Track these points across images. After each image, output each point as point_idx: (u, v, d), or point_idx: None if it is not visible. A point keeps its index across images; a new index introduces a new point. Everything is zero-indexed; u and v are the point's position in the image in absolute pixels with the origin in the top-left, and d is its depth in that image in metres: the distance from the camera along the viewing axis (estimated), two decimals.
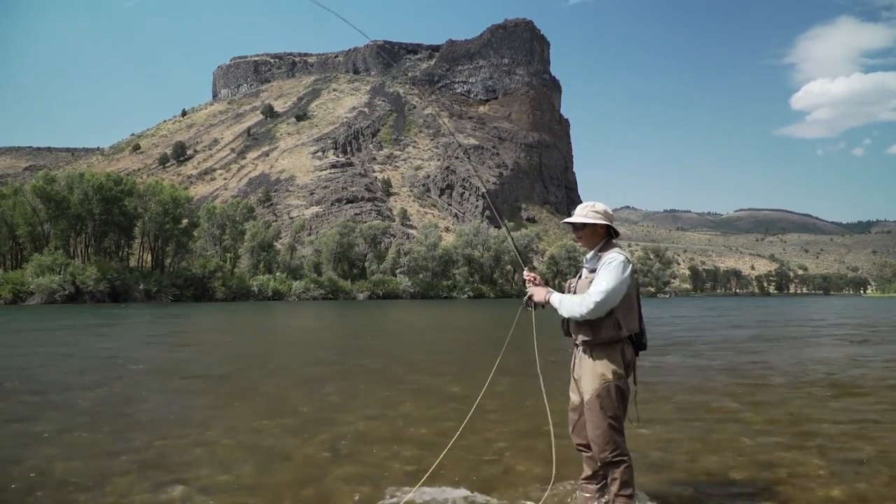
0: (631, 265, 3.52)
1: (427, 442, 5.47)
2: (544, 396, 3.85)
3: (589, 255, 3.70)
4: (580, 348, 3.63)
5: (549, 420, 3.95)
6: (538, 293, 3.73)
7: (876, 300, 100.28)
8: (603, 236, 3.66)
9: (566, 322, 3.70)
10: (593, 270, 3.56)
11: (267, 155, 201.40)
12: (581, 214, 3.67)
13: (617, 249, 3.57)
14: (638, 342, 3.61)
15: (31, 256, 58.56)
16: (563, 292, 3.87)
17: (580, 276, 3.70)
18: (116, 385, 8.66)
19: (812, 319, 30.58)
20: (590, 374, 3.53)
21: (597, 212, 3.64)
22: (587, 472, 3.71)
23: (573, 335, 3.64)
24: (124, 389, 8.31)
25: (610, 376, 3.47)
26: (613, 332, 3.46)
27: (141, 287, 59.27)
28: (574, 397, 3.72)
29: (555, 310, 3.65)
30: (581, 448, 3.72)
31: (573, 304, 3.48)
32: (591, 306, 3.39)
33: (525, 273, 3.89)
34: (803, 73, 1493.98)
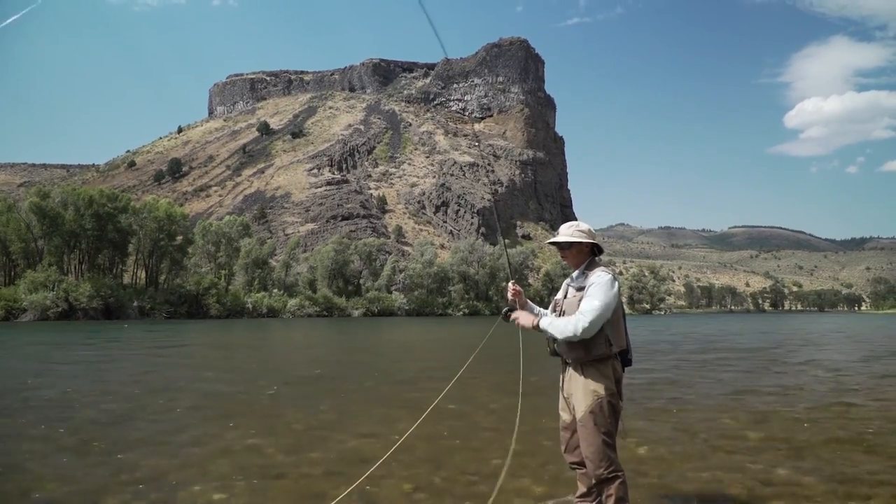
0: (617, 283, 3.57)
1: (422, 460, 5.45)
2: (517, 423, 3.85)
3: (575, 274, 3.75)
4: (570, 366, 3.65)
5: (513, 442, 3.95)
6: (524, 318, 3.72)
7: (873, 317, 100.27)
8: (588, 255, 3.73)
9: (553, 342, 3.72)
10: (580, 289, 3.60)
11: (262, 172, 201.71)
12: (567, 234, 3.72)
13: (603, 268, 3.62)
14: (624, 358, 3.63)
15: (24, 273, 58.32)
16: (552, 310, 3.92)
17: (566, 295, 3.74)
18: (109, 403, 8.60)
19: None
20: (582, 390, 3.55)
21: (581, 231, 3.72)
22: (582, 489, 3.70)
23: (563, 354, 3.66)
24: (117, 407, 8.25)
25: (602, 392, 3.49)
26: (604, 348, 3.50)
27: (135, 304, 59.05)
28: (565, 416, 3.73)
29: (541, 332, 3.67)
30: (575, 466, 3.72)
31: (566, 325, 3.49)
32: (586, 325, 3.41)
33: (510, 285, 3.91)
34: (797, 92, 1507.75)
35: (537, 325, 3.64)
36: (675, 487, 4.66)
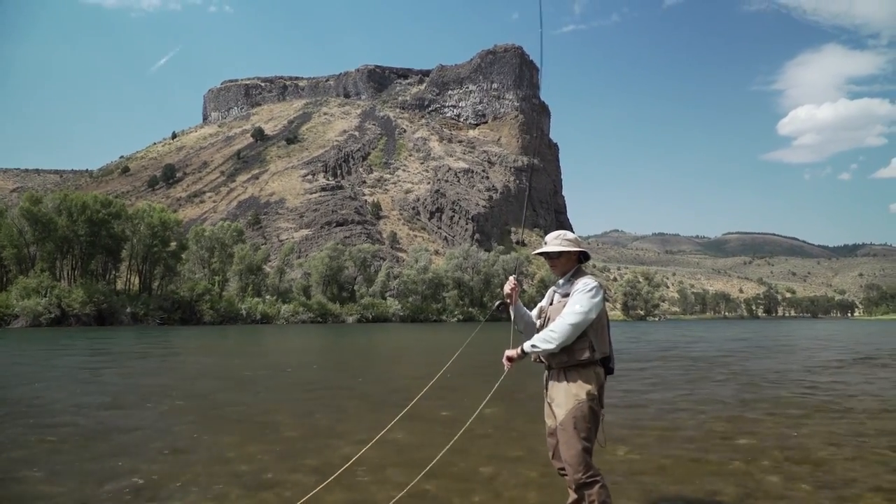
0: (603, 291, 3.63)
1: (417, 467, 5.44)
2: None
3: (561, 281, 3.80)
4: (553, 371, 3.68)
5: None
6: (510, 352, 3.72)
7: (867, 324, 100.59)
8: (575, 262, 3.80)
9: None
10: (566, 295, 3.66)
11: (257, 178, 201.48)
12: (555, 244, 3.79)
13: (589, 276, 3.68)
14: (606, 366, 3.66)
15: (16, 279, 57.95)
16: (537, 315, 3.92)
17: (552, 301, 3.79)
18: (102, 409, 8.55)
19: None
20: (563, 395, 3.58)
21: (568, 240, 3.80)
22: (573, 496, 3.70)
23: (545, 360, 3.69)
24: (111, 414, 8.21)
25: (583, 397, 3.52)
26: (588, 353, 3.54)
27: (128, 310, 58.73)
28: (550, 422, 3.74)
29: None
30: (563, 472, 3.71)
31: (548, 336, 3.53)
32: (566, 328, 3.47)
33: (511, 278, 3.91)
34: (790, 99, 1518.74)
35: (522, 352, 3.66)
36: (671, 494, 4.67)
